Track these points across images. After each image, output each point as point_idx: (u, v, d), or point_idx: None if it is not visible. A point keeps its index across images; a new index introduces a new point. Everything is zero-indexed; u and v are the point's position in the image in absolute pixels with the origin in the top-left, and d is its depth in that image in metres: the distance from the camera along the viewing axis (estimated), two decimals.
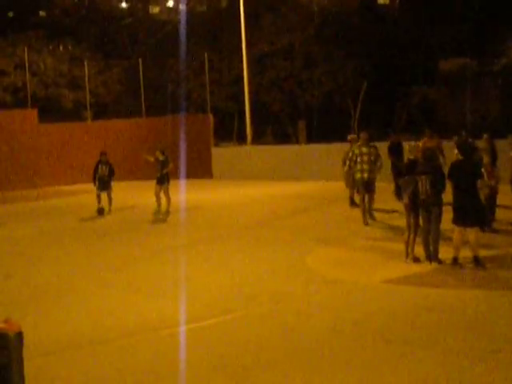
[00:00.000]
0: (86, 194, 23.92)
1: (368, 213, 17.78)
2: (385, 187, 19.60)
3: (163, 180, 21.58)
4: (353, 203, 20.16)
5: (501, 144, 18.88)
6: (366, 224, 17.35)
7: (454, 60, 47.89)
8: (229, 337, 9.11)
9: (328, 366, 7.86)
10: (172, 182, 22.45)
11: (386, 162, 19.61)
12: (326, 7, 43.87)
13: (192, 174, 32.52)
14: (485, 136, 18.00)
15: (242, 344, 8.78)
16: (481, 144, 17.33)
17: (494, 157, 16.73)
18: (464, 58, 47.61)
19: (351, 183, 19.55)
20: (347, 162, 18.62)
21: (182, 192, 25.66)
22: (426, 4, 45.59)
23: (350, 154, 18.35)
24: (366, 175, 17.71)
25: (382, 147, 20.50)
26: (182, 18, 39.74)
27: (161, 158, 21.72)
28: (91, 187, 23.03)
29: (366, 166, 17.71)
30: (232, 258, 14.35)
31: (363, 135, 18.18)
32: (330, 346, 8.52)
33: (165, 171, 21.54)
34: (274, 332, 9.22)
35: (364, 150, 17.83)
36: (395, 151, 20.84)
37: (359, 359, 8.05)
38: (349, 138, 21.15)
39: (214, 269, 13.35)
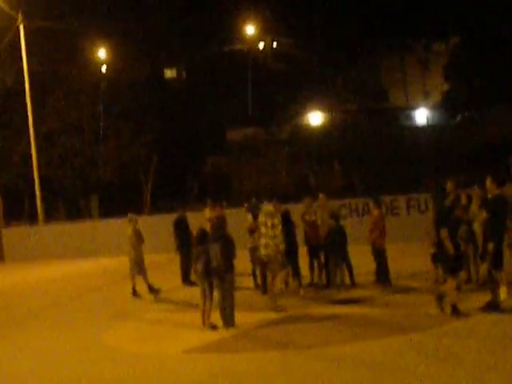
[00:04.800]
0: None
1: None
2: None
3: None
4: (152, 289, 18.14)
5: (298, 208, 18.92)
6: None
7: (241, 129, 49.66)
8: None
9: None
10: None
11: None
12: (114, 82, 43.97)
13: None
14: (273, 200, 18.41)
15: None
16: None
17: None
18: (251, 127, 49.54)
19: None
20: None
21: None
22: (212, 77, 47.10)
23: None
24: None
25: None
26: None
27: None
28: None
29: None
30: (24, 342, 13.77)
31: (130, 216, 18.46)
32: None
33: None
34: None
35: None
36: (180, 225, 20.21)
37: None
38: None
39: (5, 357, 12.76)
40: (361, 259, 16.81)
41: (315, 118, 47.59)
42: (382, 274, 15.91)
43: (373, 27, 53.46)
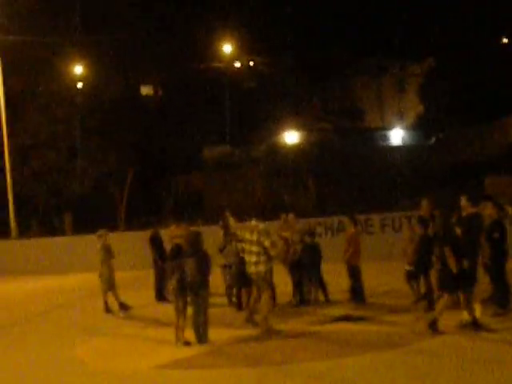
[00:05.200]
0: None
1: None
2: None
3: None
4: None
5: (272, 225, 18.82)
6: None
7: (217, 148, 49.75)
8: None
9: None
10: None
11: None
12: (90, 99, 43.74)
13: None
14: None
15: None
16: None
17: None
18: (227, 145, 49.67)
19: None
20: None
21: None
22: (189, 95, 47.13)
23: None
24: None
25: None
26: None
27: None
28: None
29: None
30: None
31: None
32: None
33: None
34: None
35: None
36: (155, 241, 20.10)
37: None
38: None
39: None
40: (335, 277, 16.76)
41: (291, 137, 47.79)
42: (357, 292, 15.87)
43: (350, 48, 53.96)
